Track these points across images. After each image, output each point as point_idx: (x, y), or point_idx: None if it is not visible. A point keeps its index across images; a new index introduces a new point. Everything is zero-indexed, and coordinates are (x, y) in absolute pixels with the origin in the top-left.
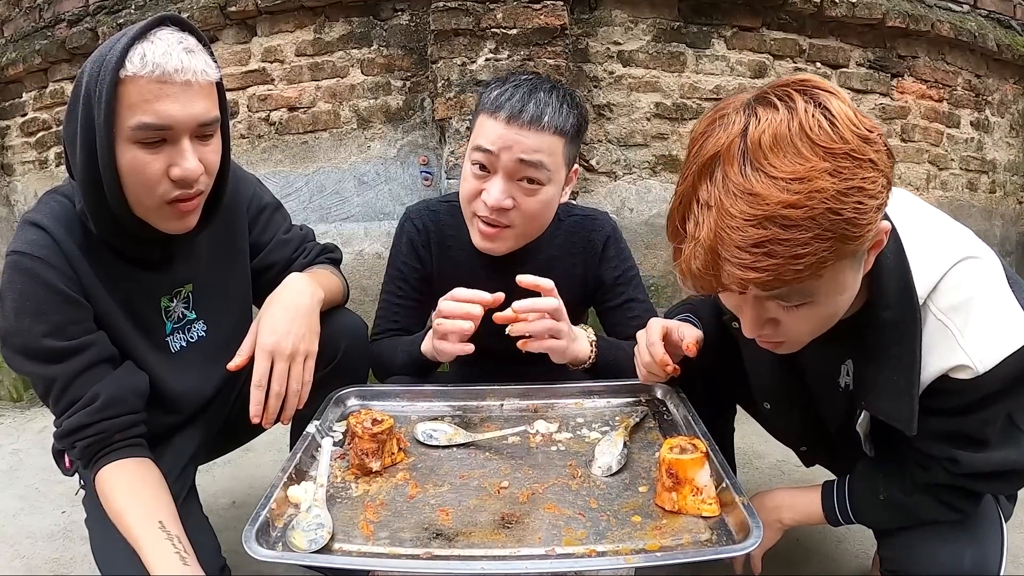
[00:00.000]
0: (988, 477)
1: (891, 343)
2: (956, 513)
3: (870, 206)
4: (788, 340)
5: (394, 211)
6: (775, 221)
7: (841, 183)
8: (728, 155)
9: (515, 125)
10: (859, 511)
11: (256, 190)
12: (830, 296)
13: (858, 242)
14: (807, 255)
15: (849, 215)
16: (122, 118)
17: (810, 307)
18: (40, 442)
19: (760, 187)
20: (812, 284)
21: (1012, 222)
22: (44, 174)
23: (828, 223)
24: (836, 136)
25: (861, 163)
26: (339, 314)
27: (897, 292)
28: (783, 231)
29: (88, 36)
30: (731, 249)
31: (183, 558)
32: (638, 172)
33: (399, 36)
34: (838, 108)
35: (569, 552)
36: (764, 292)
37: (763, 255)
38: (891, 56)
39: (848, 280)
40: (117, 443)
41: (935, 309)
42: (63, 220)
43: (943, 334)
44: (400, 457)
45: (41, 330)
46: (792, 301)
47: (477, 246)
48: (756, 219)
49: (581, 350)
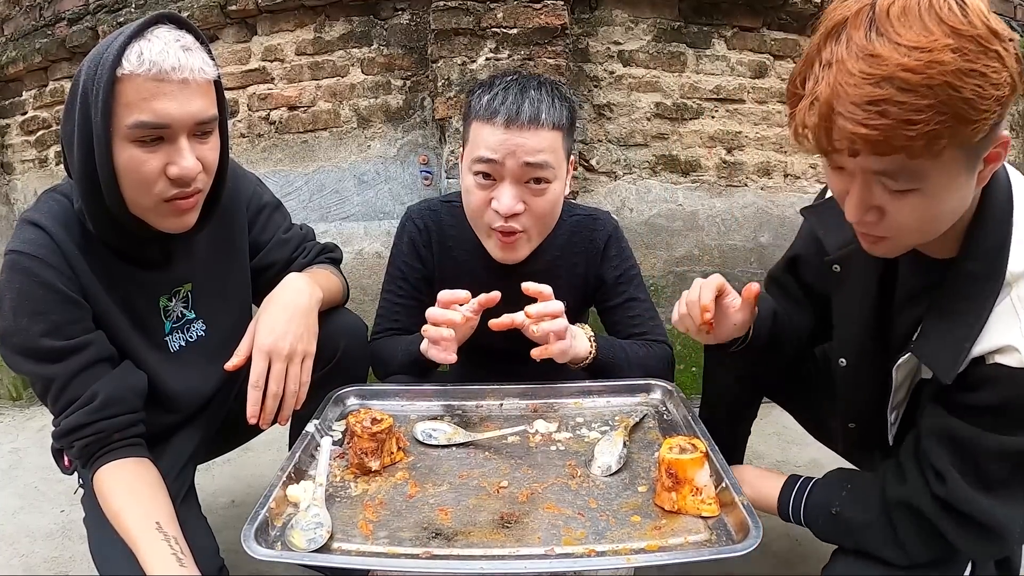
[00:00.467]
0: (964, 521)
1: (963, 297)
2: (901, 554)
3: (990, 94)
4: (890, 236)
5: (394, 210)
6: (892, 82)
7: (963, 62)
8: (856, 20)
9: (514, 128)
10: (809, 515)
11: (256, 189)
12: (939, 188)
13: (974, 127)
14: (920, 122)
15: (967, 95)
16: (119, 117)
17: (918, 196)
18: (39, 441)
19: (882, 49)
20: (923, 165)
21: None
22: (44, 173)
23: (945, 96)
24: (965, 20)
25: (986, 51)
26: (338, 314)
27: (989, 247)
28: (899, 93)
29: (88, 35)
30: (846, 104)
31: (180, 559)
32: (638, 172)
33: (399, 35)
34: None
35: (568, 552)
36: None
37: (877, 113)
38: None
39: (960, 176)
40: (115, 443)
41: (1018, 290)
42: (61, 219)
43: (1011, 315)
44: (399, 456)
45: (39, 329)
46: (900, 182)
47: (497, 259)
48: (874, 78)
49: (580, 348)
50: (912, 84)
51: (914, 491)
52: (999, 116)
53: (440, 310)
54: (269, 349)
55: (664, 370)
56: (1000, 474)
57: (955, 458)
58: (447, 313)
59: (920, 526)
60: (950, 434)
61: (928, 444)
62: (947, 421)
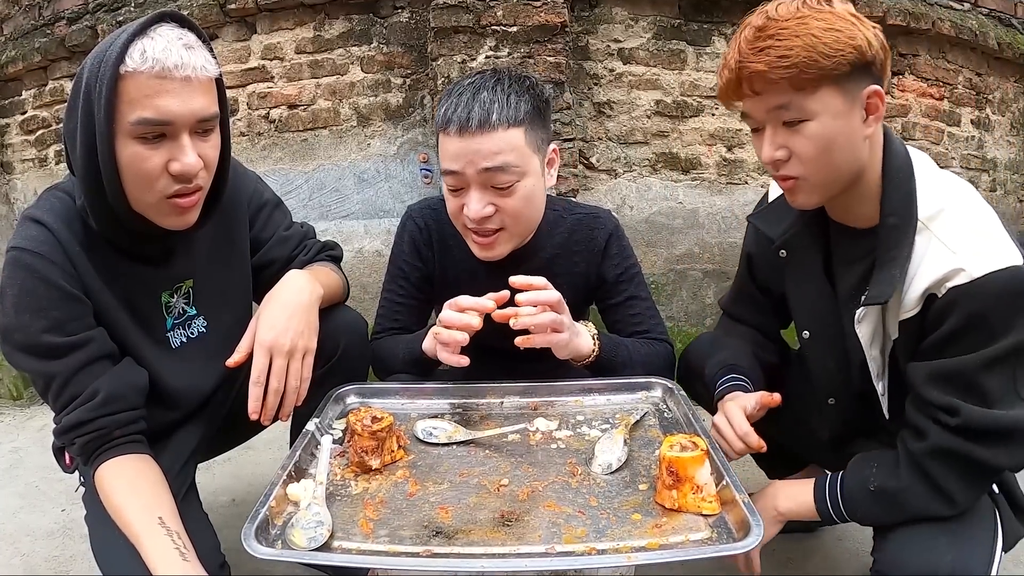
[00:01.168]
0: (990, 438)
1: (891, 247)
2: (947, 504)
3: (846, 42)
4: (800, 176)
5: (394, 208)
6: (773, 36)
7: (823, 24)
8: (752, 16)
9: (467, 136)
10: (848, 502)
11: (257, 187)
12: (827, 120)
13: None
14: (794, 56)
15: (827, 41)
16: (122, 113)
17: (814, 126)
18: (40, 440)
19: (765, 21)
20: (807, 98)
21: (1012, 220)
22: (44, 172)
23: (811, 41)
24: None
25: (844, 20)
26: (339, 311)
27: (900, 203)
28: (778, 42)
29: (87, 34)
30: (744, 55)
31: (183, 554)
32: (638, 170)
33: (399, 34)
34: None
35: (569, 550)
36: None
37: (762, 53)
38: (892, 54)
39: (839, 107)
40: (117, 439)
41: (935, 230)
42: (63, 216)
43: (941, 250)
44: (400, 455)
45: (41, 326)
46: (793, 111)
47: (480, 257)
48: (760, 36)
49: (584, 345)
50: (785, 35)
51: (935, 436)
52: (861, 63)
53: (457, 314)
54: (270, 345)
55: (666, 368)
56: (999, 384)
57: (954, 390)
58: (465, 317)
59: (954, 467)
60: (940, 374)
61: (925, 391)
62: (931, 365)
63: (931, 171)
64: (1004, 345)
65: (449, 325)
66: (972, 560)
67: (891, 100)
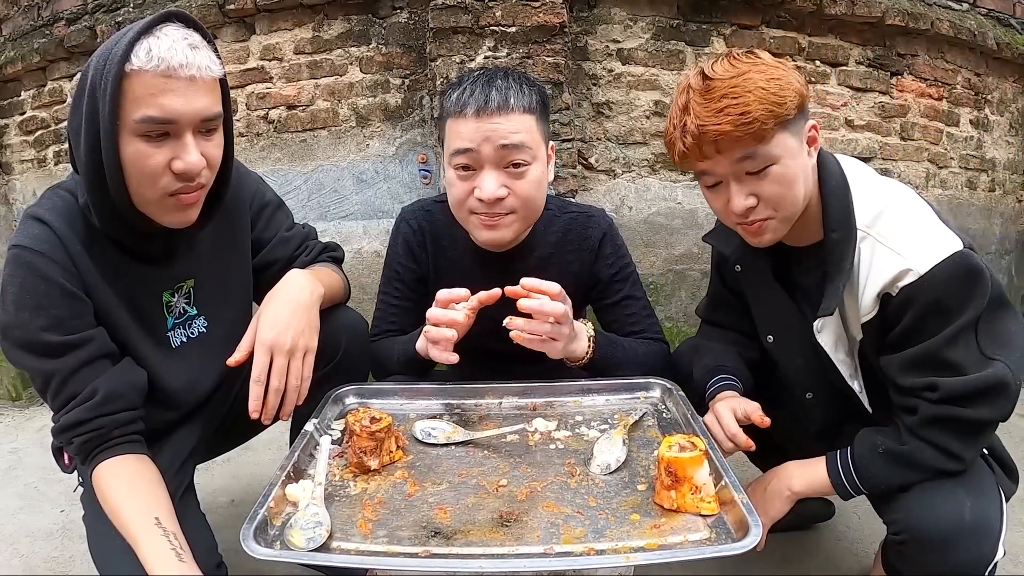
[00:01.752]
0: (972, 399)
1: (837, 260)
2: (953, 460)
3: (788, 88)
4: (771, 215)
5: (393, 209)
6: (725, 96)
7: (764, 76)
8: (692, 80)
9: (485, 116)
10: (861, 469)
11: (259, 187)
12: (786, 160)
13: (783, 109)
14: (750, 113)
15: (774, 90)
16: (126, 111)
17: (777, 168)
18: (39, 441)
19: (711, 84)
20: (764, 147)
21: (1011, 220)
22: (43, 173)
23: (761, 94)
24: (757, 59)
25: (776, 69)
26: (340, 312)
27: (840, 217)
28: (732, 100)
29: (86, 34)
30: (703, 118)
31: (179, 555)
32: (637, 170)
33: (398, 34)
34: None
35: (568, 551)
36: (736, 153)
37: (722, 115)
38: (891, 54)
39: (793, 146)
40: (115, 439)
41: (877, 236)
42: (65, 215)
43: (886, 253)
44: (398, 455)
45: (41, 324)
46: (758, 161)
47: (480, 241)
48: (712, 97)
49: (578, 348)
50: (736, 93)
51: (924, 409)
52: (801, 103)
53: (441, 310)
54: (271, 344)
55: (662, 367)
56: (965, 353)
57: (928, 370)
58: (448, 313)
59: (949, 429)
60: (911, 361)
61: (902, 380)
62: (902, 356)
63: (865, 179)
64: (961, 322)
65: (436, 323)
66: (990, 508)
67: (890, 100)
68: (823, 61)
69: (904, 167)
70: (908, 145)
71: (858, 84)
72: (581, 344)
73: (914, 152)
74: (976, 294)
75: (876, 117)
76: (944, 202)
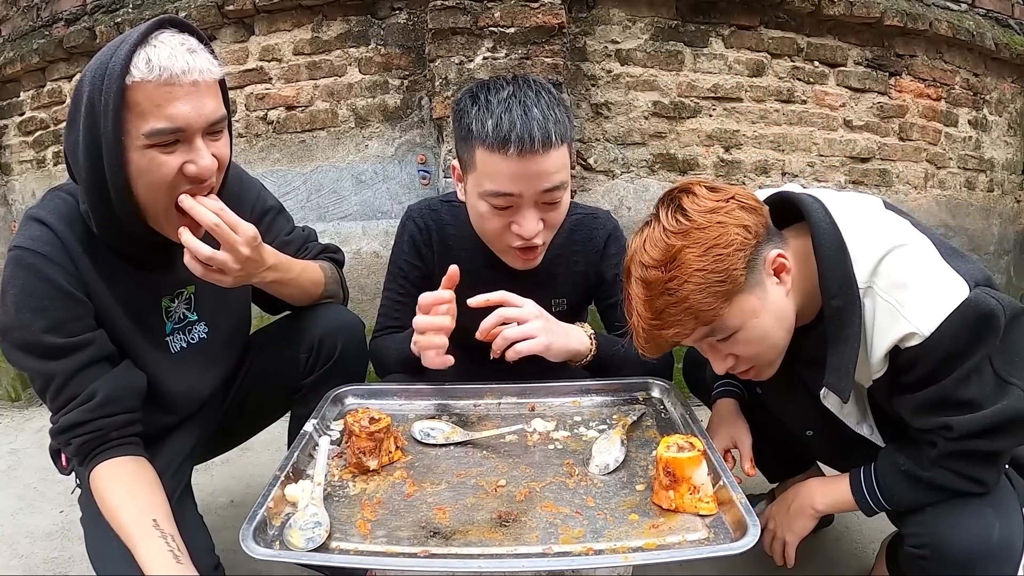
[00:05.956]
0: (988, 434)
1: (842, 327)
2: (976, 484)
3: (728, 253)
4: (755, 366)
5: (392, 210)
6: (663, 294)
7: (698, 249)
8: (632, 263)
9: (528, 157)
10: (884, 488)
11: (260, 194)
12: (747, 322)
13: (730, 282)
14: (693, 307)
15: (712, 267)
16: (132, 125)
17: (740, 335)
18: (38, 441)
19: (647, 275)
20: (720, 322)
21: (1010, 221)
22: (42, 173)
23: (699, 279)
24: (686, 221)
25: (709, 228)
26: (337, 313)
27: (840, 283)
28: (670, 297)
29: (86, 35)
30: (648, 321)
31: (176, 557)
32: (636, 171)
33: (397, 35)
34: (687, 201)
35: (566, 550)
36: (693, 338)
37: (666, 318)
38: (889, 55)
39: (754, 305)
40: (113, 441)
41: (878, 290)
42: (66, 217)
43: (889, 311)
44: (397, 456)
45: (41, 326)
46: (719, 336)
47: (517, 267)
48: (651, 297)
49: (579, 344)
50: (673, 288)
51: (943, 446)
52: (751, 253)
53: (427, 318)
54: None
55: (663, 367)
56: (978, 390)
57: (941, 411)
58: (435, 320)
59: (969, 460)
60: (924, 404)
61: (917, 422)
62: (914, 399)
63: (860, 227)
64: (973, 362)
65: (424, 330)
66: (1013, 529)
67: (888, 101)
68: (821, 62)
69: (902, 167)
70: (907, 145)
71: (856, 85)
72: (580, 341)
73: (912, 152)
74: (987, 337)
75: (874, 118)
76: (943, 202)
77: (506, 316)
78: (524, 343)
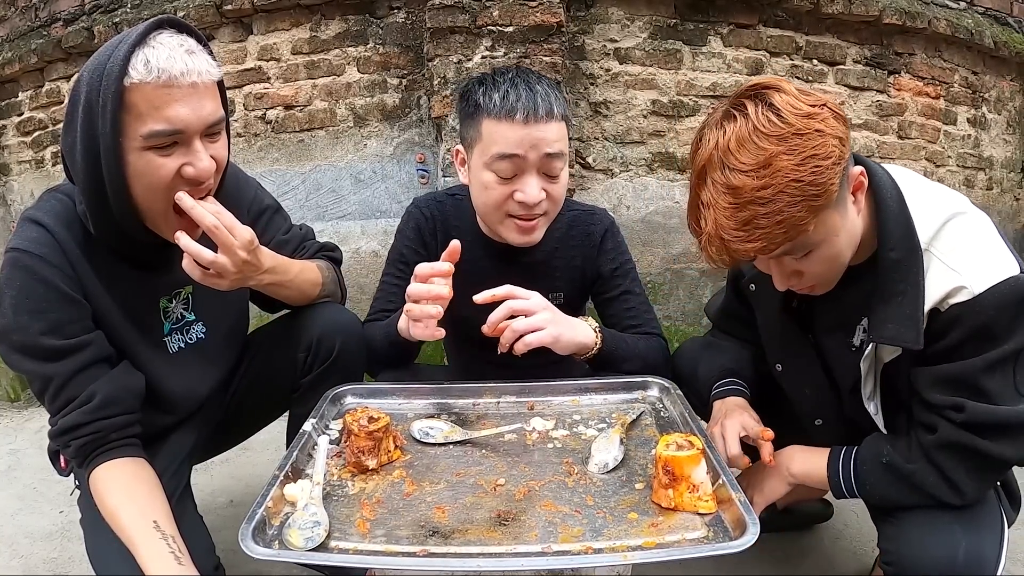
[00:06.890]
0: (995, 432)
1: (898, 280)
2: (954, 492)
3: (826, 166)
4: (817, 283)
5: (391, 209)
6: (752, 203)
7: (795, 157)
8: (711, 163)
9: (533, 123)
10: (860, 474)
11: (257, 193)
12: (830, 238)
13: (825, 197)
14: (786, 220)
15: (809, 179)
16: (131, 127)
17: (817, 252)
18: (38, 442)
19: (735, 180)
20: (805, 237)
21: (1009, 219)
22: (40, 174)
23: (794, 190)
24: (782, 123)
25: (808, 135)
26: (335, 312)
27: (900, 234)
28: (761, 207)
29: (84, 35)
30: (729, 232)
31: (177, 557)
32: (635, 169)
33: (395, 34)
34: (780, 100)
35: (565, 549)
36: (770, 255)
37: (752, 229)
38: (888, 53)
39: (837, 222)
40: (112, 442)
41: (936, 252)
42: (64, 219)
43: (944, 270)
44: (396, 455)
45: (39, 328)
46: (799, 253)
47: (515, 242)
48: (738, 205)
49: (585, 337)
50: (766, 197)
51: (944, 431)
52: (843, 169)
53: (423, 285)
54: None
55: (662, 363)
56: (1001, 384)
57: (959, 390)
58: (433, 288)
59: (962, 459)
60: (944, 378)
61: (931, 396)
62: (936, 371)
63: (920, 190)
64: (1006, 349)
65: (418, 298)
66: (985, 546)
67: (887, 99)
68: (820, 60)
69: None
70: (906, 144)
71: (855, 83)
72: (586, 333)
73: (912, 151)
74: None
75: (873, 116)
76: None
77: (514, 308)
78: (533, 335)
